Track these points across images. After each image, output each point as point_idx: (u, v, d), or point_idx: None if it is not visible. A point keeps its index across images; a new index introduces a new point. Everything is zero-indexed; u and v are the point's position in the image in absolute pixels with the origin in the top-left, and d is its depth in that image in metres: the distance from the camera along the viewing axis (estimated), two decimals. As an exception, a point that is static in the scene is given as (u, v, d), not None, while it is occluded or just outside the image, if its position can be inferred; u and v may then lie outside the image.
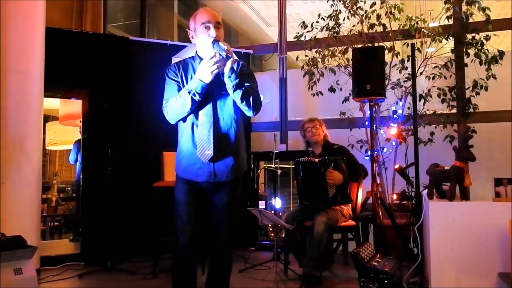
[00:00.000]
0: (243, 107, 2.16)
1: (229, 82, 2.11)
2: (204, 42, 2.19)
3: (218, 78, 2.16)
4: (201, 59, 2.22)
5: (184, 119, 2.21)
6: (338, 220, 3.47)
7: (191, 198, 2.26)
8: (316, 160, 3.46)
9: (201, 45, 2.24)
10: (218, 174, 2.23)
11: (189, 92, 2.09)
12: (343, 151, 3.67)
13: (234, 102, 2.20)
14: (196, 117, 2.20)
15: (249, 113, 2.19)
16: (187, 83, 2.21)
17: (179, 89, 2.20)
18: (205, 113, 2.19)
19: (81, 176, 4.41)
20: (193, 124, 2.21)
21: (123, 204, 4.26)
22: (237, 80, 2.10)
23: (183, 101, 2.12)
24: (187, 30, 2.29)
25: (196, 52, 2.30)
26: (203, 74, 2.07)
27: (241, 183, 2.35)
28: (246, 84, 2.15)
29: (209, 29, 2.18)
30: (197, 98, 2.09)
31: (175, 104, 2.14)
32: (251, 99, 2.14)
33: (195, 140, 2.20)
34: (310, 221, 3.35)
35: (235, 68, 2.12)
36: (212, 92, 2.19)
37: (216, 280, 2.34)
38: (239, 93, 2.12)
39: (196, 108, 2.15)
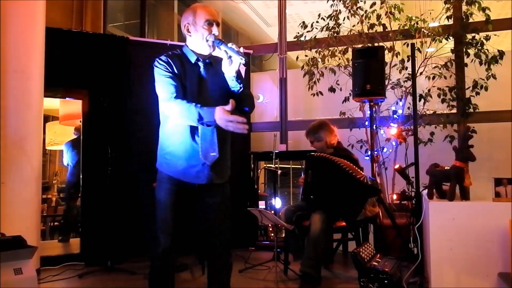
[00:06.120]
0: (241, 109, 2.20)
1: (236, 85, 2.18)
2: (202, 39, 2.19)
3: (219, 81, 2.21)
4: (192, 52, 2.23)
5: None
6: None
7: (179, 200, 2.22)
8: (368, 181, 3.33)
9: (197, 41, 2.22)
10: (215, 176, 2.22)
11: (199, 120, 2.01)
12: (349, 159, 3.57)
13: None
14: None
15: (246, 113, 2.24)
16: (185, 78, 2.18)
17: (177, 81, 2.15)
18: None
19: (81, 176, 4.40)
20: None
21: (123, 204, 4.26)
22: (241, 85, 2.18)
23: (187, 117, 2.05)
24: (186, 23, 2.22)
25: (187, 46, 2.26)
26: (219, 120, 1.98)
27: (228, 184, 2.35)
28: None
29: (212, 26, 2.19)
30: (202, 126, 2.07)
31: (181, 112, 2.06)
32: (252, 100, 2.27)
33: (199, 141, 2.16)
34: (309, 220, 3.34)
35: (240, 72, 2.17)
36: (215, 96, 2.19)
37: (220, 280, 2.33)
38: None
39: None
